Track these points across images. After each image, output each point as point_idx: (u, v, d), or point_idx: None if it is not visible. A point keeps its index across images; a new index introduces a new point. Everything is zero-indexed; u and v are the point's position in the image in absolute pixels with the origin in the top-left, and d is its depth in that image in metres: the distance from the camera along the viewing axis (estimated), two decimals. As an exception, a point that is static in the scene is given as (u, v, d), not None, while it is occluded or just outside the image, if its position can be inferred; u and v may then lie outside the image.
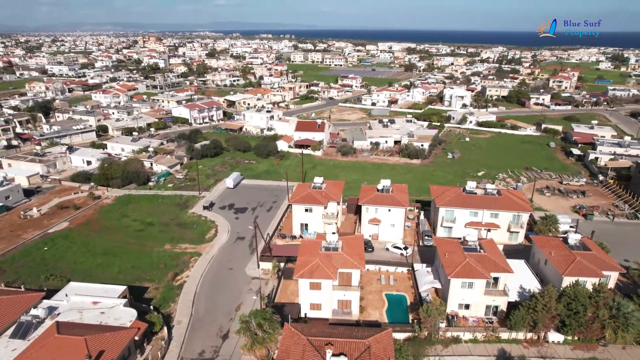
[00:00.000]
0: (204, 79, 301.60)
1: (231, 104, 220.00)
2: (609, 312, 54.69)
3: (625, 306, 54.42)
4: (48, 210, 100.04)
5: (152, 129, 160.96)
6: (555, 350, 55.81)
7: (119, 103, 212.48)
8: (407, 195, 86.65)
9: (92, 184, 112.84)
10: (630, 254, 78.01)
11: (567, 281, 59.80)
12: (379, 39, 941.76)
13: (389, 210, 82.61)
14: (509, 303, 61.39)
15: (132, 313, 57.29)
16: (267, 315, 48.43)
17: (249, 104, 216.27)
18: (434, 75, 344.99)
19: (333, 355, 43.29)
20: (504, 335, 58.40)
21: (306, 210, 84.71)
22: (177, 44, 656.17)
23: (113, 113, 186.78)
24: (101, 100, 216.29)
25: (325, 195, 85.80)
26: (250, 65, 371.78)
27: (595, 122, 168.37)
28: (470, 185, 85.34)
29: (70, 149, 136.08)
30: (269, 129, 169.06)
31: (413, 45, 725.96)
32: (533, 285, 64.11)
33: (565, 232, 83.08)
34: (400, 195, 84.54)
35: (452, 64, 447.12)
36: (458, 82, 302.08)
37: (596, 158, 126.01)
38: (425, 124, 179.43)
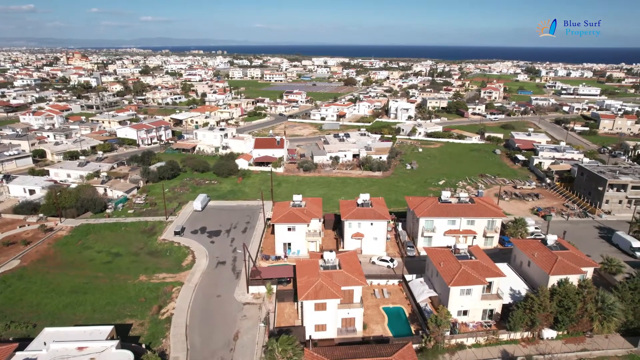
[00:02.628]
0: (142, 97, 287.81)
1: (178, 122, 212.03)
2: (595, 305, 59.29)
3: (608, 298, 59.33)
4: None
5: (101, 152, 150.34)
6: (553, 347, 59.24)
7: (54, 125, 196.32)
8: (387, 208, 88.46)
9: (40, 215, 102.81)
10: (589, 249, 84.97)
11: (552, 280, 64.07)
12: (312, 54, 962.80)
13: (371, 224, 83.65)
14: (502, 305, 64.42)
15: (128, 355, 52.56)
16: (292, 341, 46.71)
17: (197, 123, 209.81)
18: (375, 89, 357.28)
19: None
20: (503, 336, 61.07)
21: (289, 229, 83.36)
22: (105, 61, 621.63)
23: (49, 136, 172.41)
24: (31, 123, 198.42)
25: (307, 212, 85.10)
26: (189, 83, 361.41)
27: (532, 129, 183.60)
28: (445, 194, 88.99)
29: (7, 177, 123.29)
30: (224, 147, 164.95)
31: (347, 60, 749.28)
32: (520, 286, 67.92)
33: (532, 234, 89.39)
34: (381, 209, 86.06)
35: (388, 77, 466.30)
36: (398, 95, 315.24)
37: (540, 163, 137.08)
38: (378, 136, 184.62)
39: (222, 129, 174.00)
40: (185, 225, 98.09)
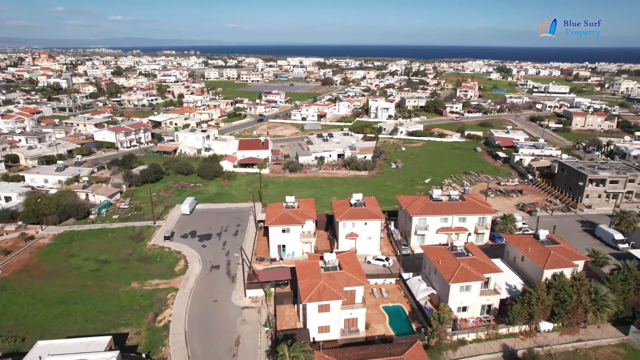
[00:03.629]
0: (117, 99, 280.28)
1: (157, 124, 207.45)
2: (589, 297, 61.28)
3: (601, 290, 61.43)
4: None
5: (79, 156, 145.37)
6: (550, 339, 60.89)
7: (25, 129, 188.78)
8: (379, 207, 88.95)
9: (19, 222, 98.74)
10: (574, 243, 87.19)
11: (547, 274, 65.87)
12: (287, 54, 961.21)
13: (366, 223, 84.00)
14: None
15: (131, 366, 51.00)
16: (305, 347, 46.25)
17: (176, 124, 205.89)
18: (353, 88, 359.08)
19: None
20: (502, 330, 62.34)
21: (284, 231, 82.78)
22: (73, 62, 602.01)
23: (20, 140, 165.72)
24: (0, 126, 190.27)
25: (301, 214, 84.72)
26: (165, 84, 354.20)
27: (510, 127, 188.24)
28: (437, 193, 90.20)
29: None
30: (207, 149, 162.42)
31: (322, 60, 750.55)
32: (516, 281, 69.56)
33: (521, 229, 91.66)
34: (374, 208, 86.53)
35: (365, 77, 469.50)
36: (377, 94, 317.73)
37: (521, 159, 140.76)
38: (361, 136, 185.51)
39: (203, 131, 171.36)
40: (174, 229, 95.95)
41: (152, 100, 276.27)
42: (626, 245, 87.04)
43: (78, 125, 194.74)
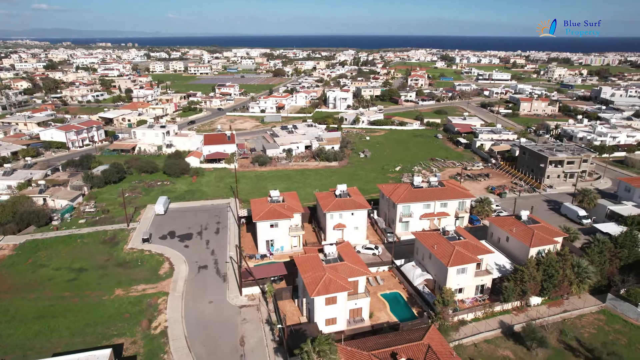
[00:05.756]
0: (58, 95, 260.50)
1: (108, 121, 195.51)
2: (572, 270, 65.75)
3: (582, 263, 66.08)
4: None
5: (29, 158, 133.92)
6: (542, 313, 64.80)
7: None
8: (363, 197, 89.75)
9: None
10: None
11: (532, 252, 69.83)
12: (231, 45, 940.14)
13: (352, 213, 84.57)
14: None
15: (141, 377, 48.27)
16: (330, 340, 45.90)
17: (129, 121, 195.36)
18: (305, 79, 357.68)
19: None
20: (497, 308, 65.49)
21: (272, 225, 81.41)
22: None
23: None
24: None
25: (288, 207, 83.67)
26: (108, 78, 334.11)
27: (466, 113, 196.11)
28: (417, 180, 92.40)
29: None
30: (168, 146, 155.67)
31: (269, 51, 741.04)
32: (503, 261, 73.10)
33: (495, 211, 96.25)
34: (359, 198, 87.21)
35: (315, 67, 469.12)
36: (331, 85, 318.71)
37: (482, 145, 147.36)
38: (324, 127, 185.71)
39: (163, 126, 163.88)
40: (151, 231, 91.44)
41: (97, 95, 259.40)
42: (589, 220, 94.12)
43: (17, 124, 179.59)
